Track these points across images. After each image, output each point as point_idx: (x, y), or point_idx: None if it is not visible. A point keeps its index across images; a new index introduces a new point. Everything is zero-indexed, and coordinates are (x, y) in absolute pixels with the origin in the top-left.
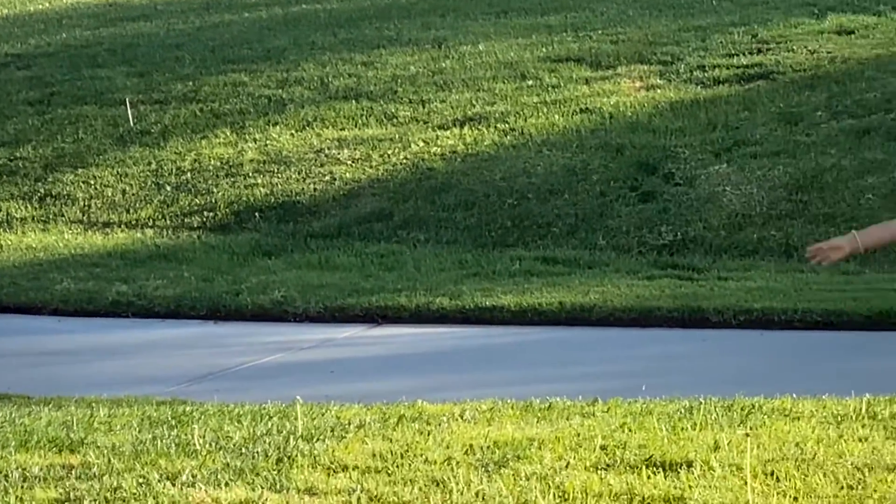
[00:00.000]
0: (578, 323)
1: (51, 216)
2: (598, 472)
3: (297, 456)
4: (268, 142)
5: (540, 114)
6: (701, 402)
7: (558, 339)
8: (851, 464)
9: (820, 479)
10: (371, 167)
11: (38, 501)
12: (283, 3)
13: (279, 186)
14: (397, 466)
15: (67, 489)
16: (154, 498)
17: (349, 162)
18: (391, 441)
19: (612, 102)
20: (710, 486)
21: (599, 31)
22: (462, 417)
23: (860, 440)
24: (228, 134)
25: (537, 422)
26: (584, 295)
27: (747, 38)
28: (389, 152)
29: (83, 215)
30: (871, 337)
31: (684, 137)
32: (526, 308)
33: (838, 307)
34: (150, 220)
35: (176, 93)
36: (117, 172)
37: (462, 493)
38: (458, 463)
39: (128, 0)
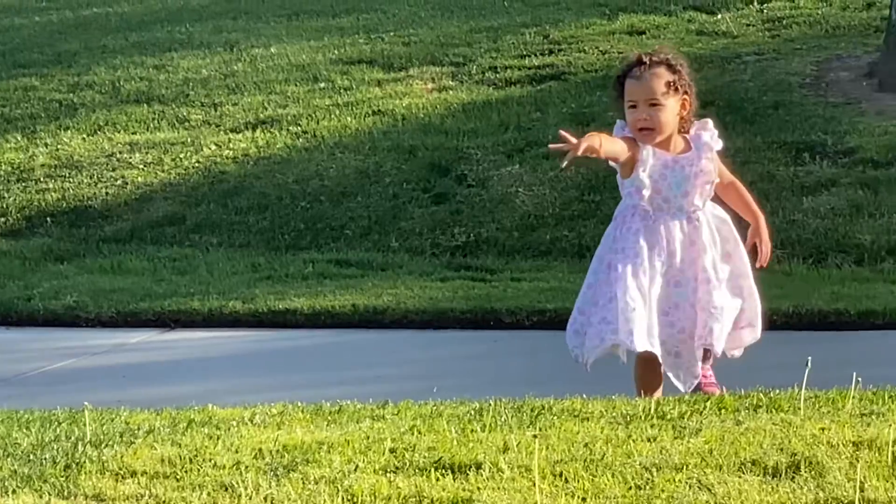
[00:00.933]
0: (371, 325)
1: None
2: (387, 474)
3: (85, 462)
4: (59, 146)
5: (332, 116)
6: (491, 404)
7: (351, 341)
8: (640, 464)
9: (608, 480)
10: (163, 171)
11: None
12: (74, 6)
13: (71, 191)
14: (186, 471)
15: None
16: None
17: (141, 166)
18: (180, 446)
19: (404, 104)
20: (498, 488)
21: (391, 33)
22: (252, 421)
23: (649, 440)
24: (19, 139)
25: (327, 425)
26: (377, 297)
27: (539, 38)
28: (181, 156)
29: None
30: None
31: (476, 139)
32: (319, 311)
33: None
34: None
35: None
36: None
37: (251, 498)
38: (246, 467)
39: None
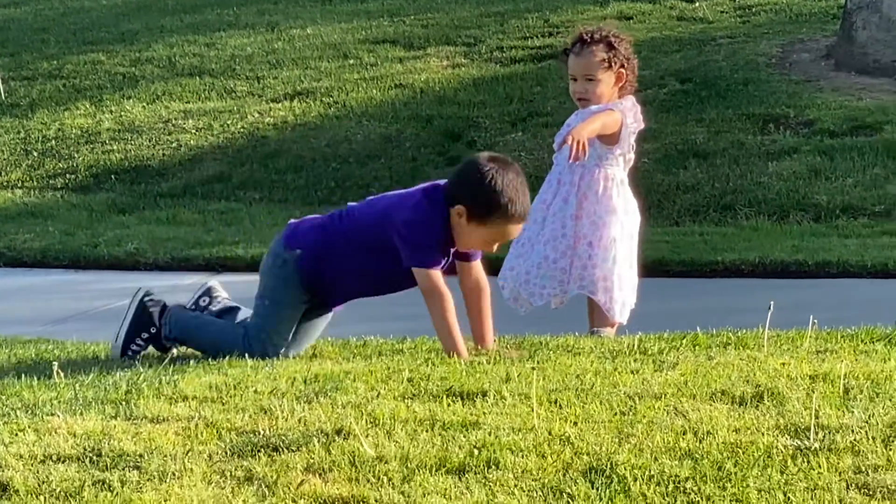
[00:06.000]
0: None
1: None
2: (405, 401)
3: (144, 388)
4: (122, 113)
5: (360, 89)
6: (496, 340)
7: None
8: (624, 393)
9: (597, 406)
10: (212, 135)
11: None
12: None
13: (132, 152)
14: (231, 396)
15: None
16: (16, 424)
17: (193, 131)
18: (226, 375)
19: (422, 79)
20: (501, 413)
21: (412, 17)
22: (287, 354)
23: (632, 372)
24: (88, 106)
25: (353, 357)
26: None
27: (540, 22)
28: (228, 122)
29: None
30: (657, 283)
31: (485, 109)
32: None
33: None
34: (20, 182)
35: (42, 70)
36: None
37: (286, 420)
38: (283, 393)
39: None
